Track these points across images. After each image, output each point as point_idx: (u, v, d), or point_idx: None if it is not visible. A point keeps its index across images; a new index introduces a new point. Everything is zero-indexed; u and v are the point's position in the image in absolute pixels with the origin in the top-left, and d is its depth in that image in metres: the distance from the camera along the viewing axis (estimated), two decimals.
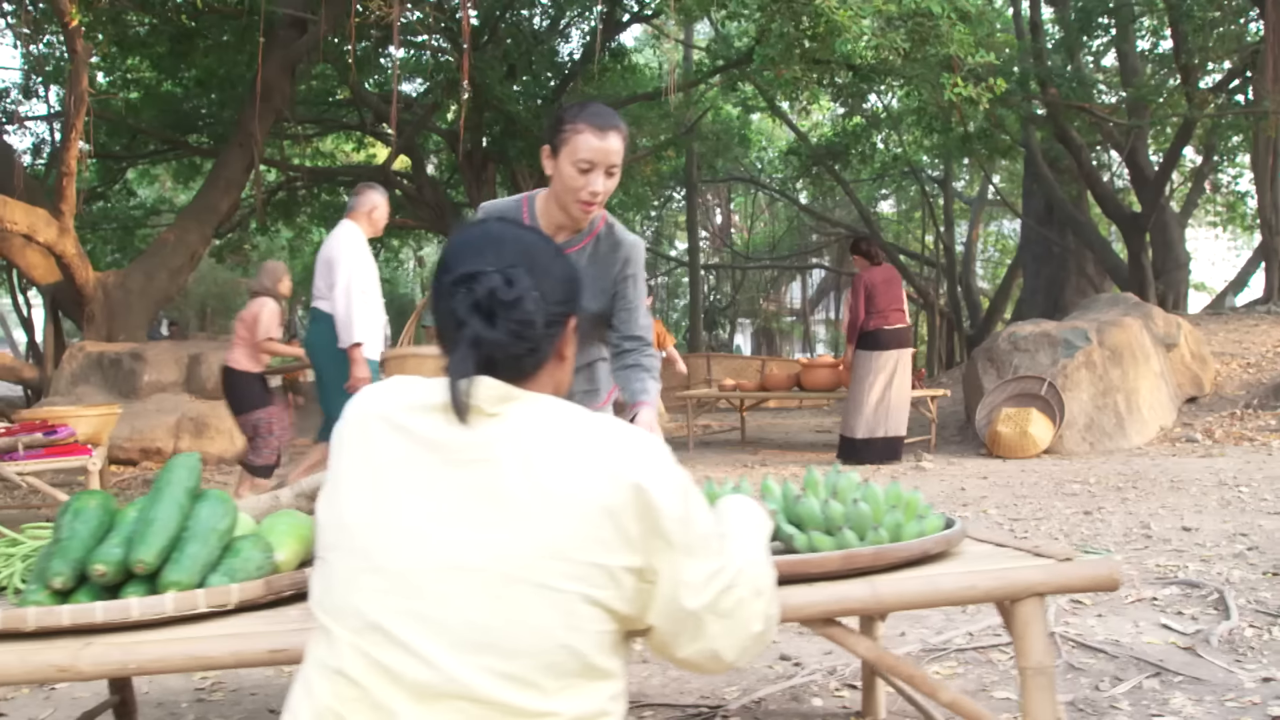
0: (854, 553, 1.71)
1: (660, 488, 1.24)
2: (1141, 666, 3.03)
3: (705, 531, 1.30)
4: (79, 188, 17.19)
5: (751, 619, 1.35)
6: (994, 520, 5.25)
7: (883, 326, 7.51)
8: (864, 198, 24.08)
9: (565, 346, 1.38)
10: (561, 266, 1.37)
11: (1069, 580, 1.68)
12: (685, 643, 1.31)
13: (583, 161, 2.39)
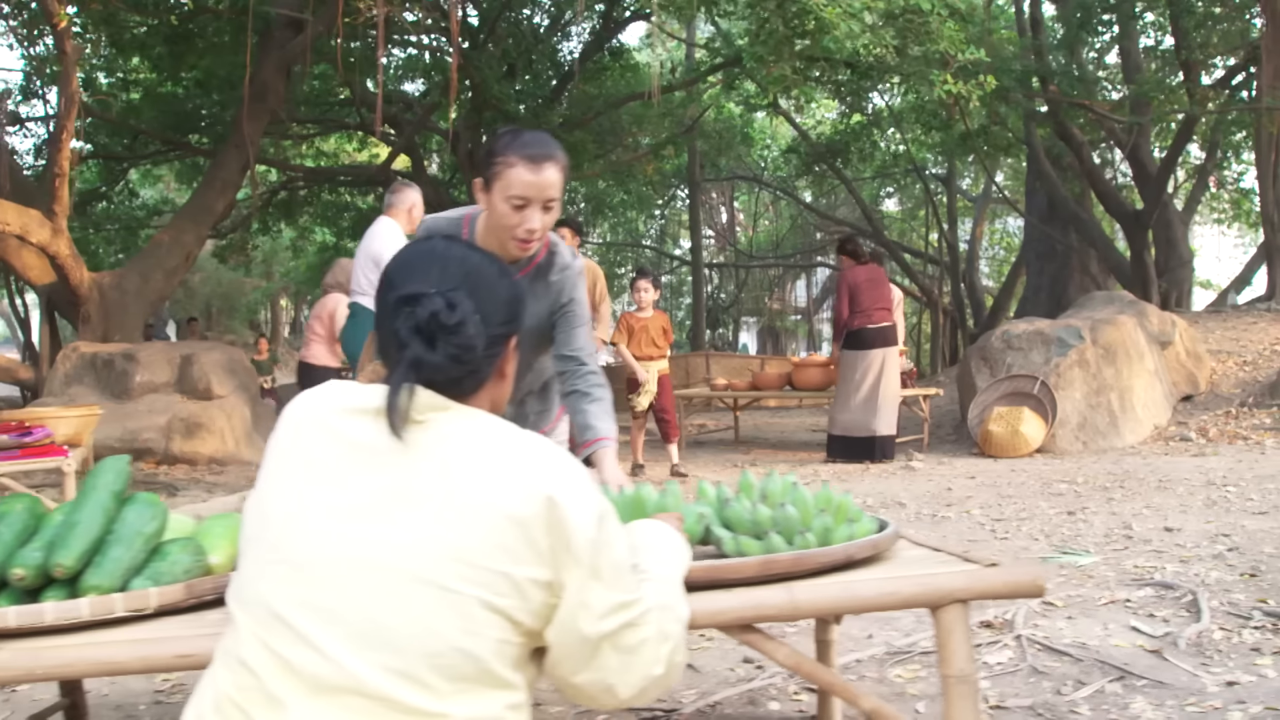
0: (772, 558, 1.68)
1: (574, 505, 1.26)
2: (1106, 670, 3.00)
3: (618, 561, 1.31)
4: (81, 188, 17.36)
5: (654, 662, 1.35)
6: (976, 521, 5.21)
7: (866, 325, 7.50)
8: (868, 196, 24.03)
9: (506, 365, 1.41)
10: (505, 287, 1.40)
11: (991, 587, 1.65)
12: (577, 668, 1.31)
13: (516, 198, 2.26)
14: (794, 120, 18.61)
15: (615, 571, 1.30)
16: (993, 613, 3.55)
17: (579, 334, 2.61)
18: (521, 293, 1.45)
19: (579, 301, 2.60)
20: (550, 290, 2.57)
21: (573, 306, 2.58)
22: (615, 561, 1.30)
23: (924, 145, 18.07)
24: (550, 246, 2.57)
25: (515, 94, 14.40)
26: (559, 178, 2.30)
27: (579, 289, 2.60)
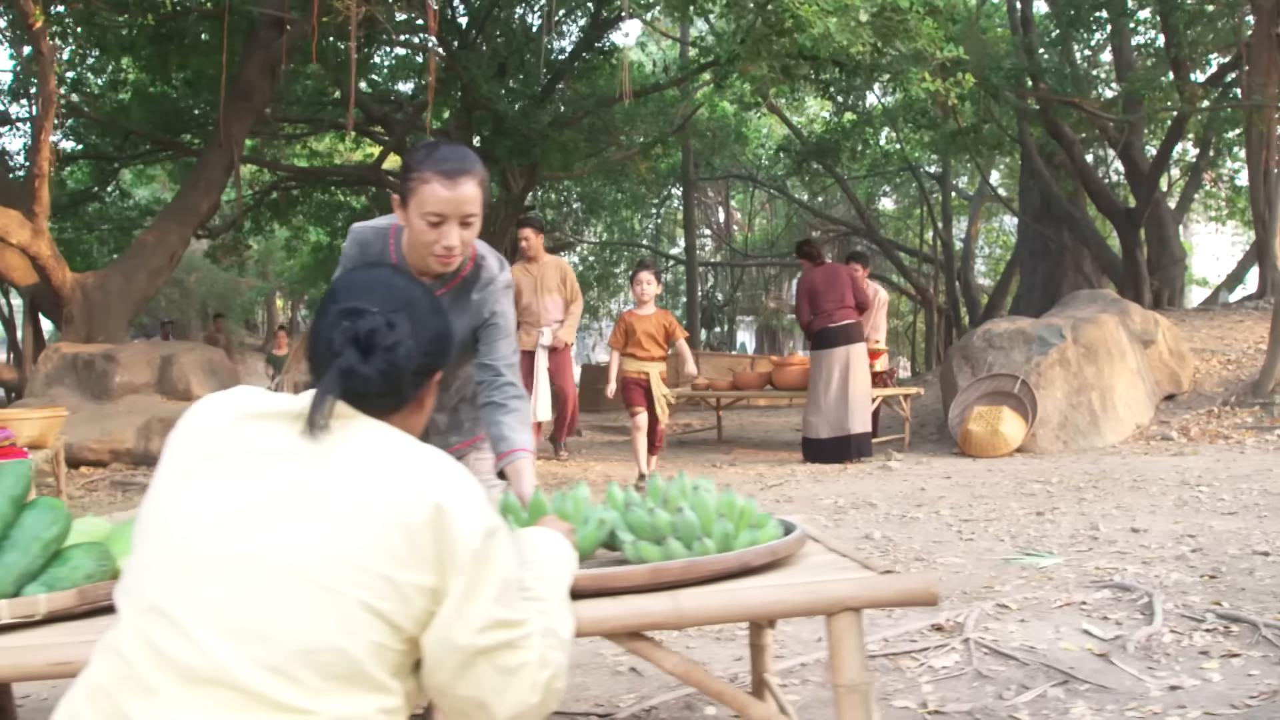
0: (661, 567, 1.66)
1: (462, 515, 1.28)
2: (1050, 674, 2.97)
3: (504, 579, 1.33)
4: (73, 188, 17.36)
5: (531, 687, 1.35)
6: (945, 522, 5.18)
7: (827, 325, 7.52)
8: (863, 194, 23.97)
9: (427, 396, 1.47)
10: (437, 322, 1.48)
11: (882, 595, 1.63)
12: (452, 680, 1.31)
13: (431, 214, 2.22)
14: (787, 118, 18.58)
15: (500, 588, 1.31)
16: (945, 616, 3.52)
17: (501, 346, 2.59)
18: (451, 332, 1.51)
19: (502, 314, 2.58)
20: (473, 307, 2.56)
21: (496, 319, 2.56)
22: (501, 578, 1.31)
23: (918, 144, 18.03)
24: (476, 259, 2.54)
25: (505, 93, 14.37)
26: (477, 193, 2.26)
27: (503, 302, 2.58)
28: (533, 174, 15.81)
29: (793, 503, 6.00)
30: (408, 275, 1.50)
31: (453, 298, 2.55)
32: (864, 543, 4.83)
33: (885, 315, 8.56)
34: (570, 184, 22.11)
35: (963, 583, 4.03)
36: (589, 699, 2.98)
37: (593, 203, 23.60)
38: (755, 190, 26.72)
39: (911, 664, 3.13)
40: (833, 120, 16.04)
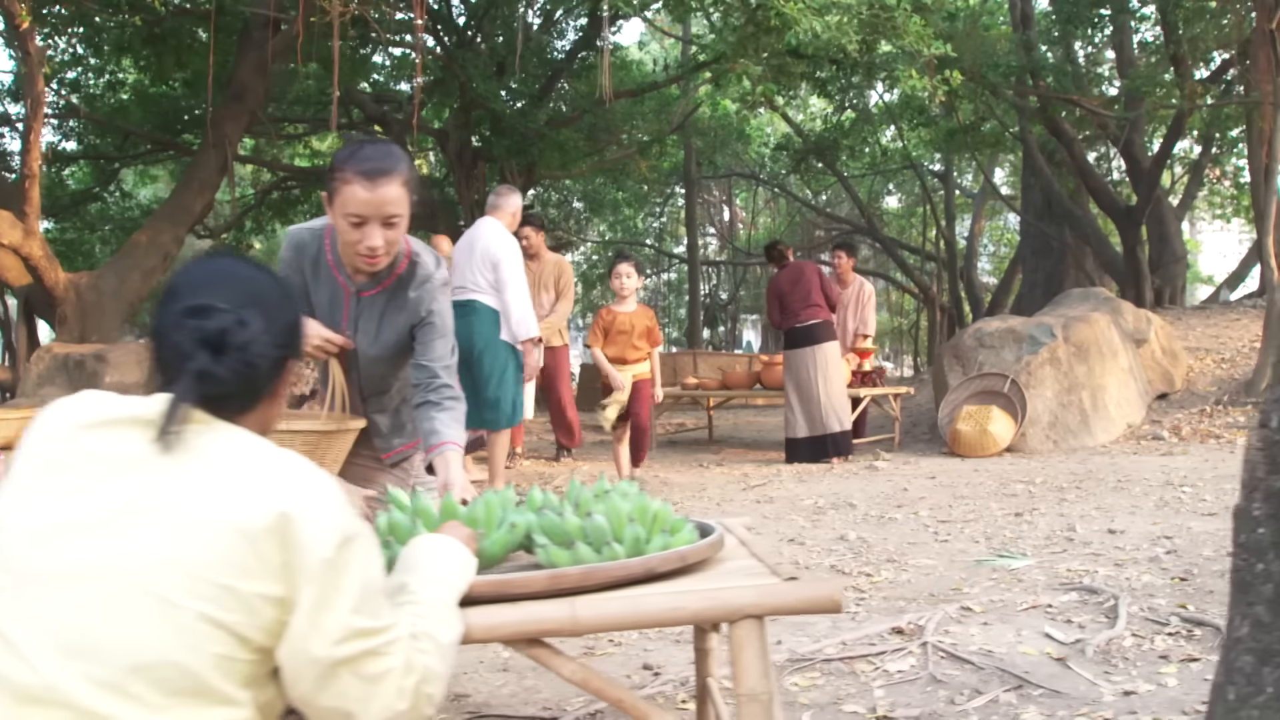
0: (560, 573, 1.63)
1: (310, 523, 1.24)
2: (1005, 678, 2.93)
3: (364, 585, 1.28)
4: (74, 189, 17.41)
5: (398, 694, 1.32)
6: (922, 523, 5.14)
7: (794, 326, 7.50)
8: (866, 192, 23.90)
9: (281, 387, 1.45)
10: (289, 311, 1.44)
11: (783, 602, 1.59)
12: (313, 691, 1.27)
13: (353, 216, 2.22)
14: (787, 116, 18.52)
15: (359, 596, 1.27)
16: (907, 619, 3.48)
17: (436, 346, 2.56)
18: (301, 320, 1.46)
19: (438, 313, 2.55)
20: (410, 304, 2.53)
21: (432, 318, 2.53)
22: (360, 585, 1.28)
23: (920, 142, 17.96)
24: (412, 257, 2.53)
25: (504, 92, 14.35)
26: (401, 194, 2.24)
27: (439, 300, 2.55)
28: (530, 173, 15.80)
29: (773, 503, 5.96)
30: (255, 264, 1.45)
31: (389, 296, 2.54)
32: (838, 544, 4.80)
33: (873, 310, 8.47)
34: (571, 183, 22.10)
35: (932, 585, 4.00)
36: (538, 702, 2.95)
37: (595, 202, 23.59)
38: (759, 189, 26.64)
39: (867, 668, 3.10)
40: (832, 118, 15.97)
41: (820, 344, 7.42)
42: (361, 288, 2.51)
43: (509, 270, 5.80)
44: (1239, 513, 1.64)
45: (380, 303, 2.52)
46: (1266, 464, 1.59)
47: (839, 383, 7.47)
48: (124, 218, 18.09)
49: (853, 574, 4.22)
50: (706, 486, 6.78)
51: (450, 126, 15.92)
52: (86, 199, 16.86)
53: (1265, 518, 1.57)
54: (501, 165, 15.61)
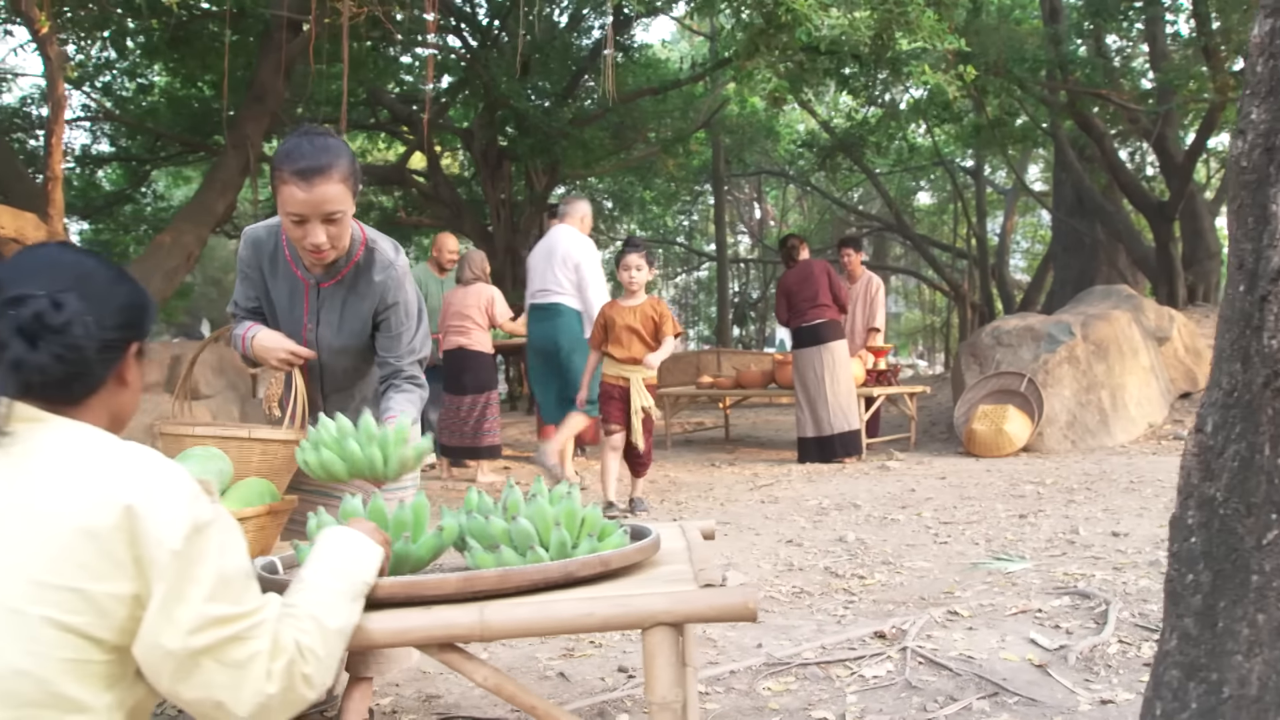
0: (474, 575, 1.61)
1: (157, 515, 1.22)
2: (982, 685, 2.87)
3: (219, 573, 1.27)
4: (107, 190, 17.66)
5: (266, 677, 1.30)
6: (924, 524, 5.07)
7: (802, 324, 7.43)
8: (897, 190, 23.68)
9: (126, 371, 1.41)
10: (124, 293, 1.40)
11: (695, 610, 1.56)
12: (172, 684, 1.25)
13: (293, 215, 2.21)
14: (815, 112, 18.39)
15: (214, 584, 1.26)
16: (891, 623, 3.43)
17: (402, 337, 2.53)
18: (144, 301, 1.43)
19: (402, 305, 2.51)
20: (373, 290, 2.50)
21: (393, 312, 2.50)
22: (216, 573, 1.26)
23: (951, 138, 17.75)
24: (368, 244, 2.50)
25: (524, 92, 14.36)
26: (339, 190, 2.21)
27: (403, 290, 2.51)
28: (554, 172, 15.81)
29: (778, 503, 5.91)
30: (79, 250, 1.42)
31: (349, 285, 2.52)
32: (836, 545, 4.74)
33: (882, 304, 8.37)
34: (599, 181, 22.10)
35: (924, 587, 3.94)
36: (506, 705, 2.93)
37: (623, 200, 23.57)
38: (789, 186, 26.49)
39: (844, 673, 3.05)
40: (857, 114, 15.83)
41: (827, 343, 7.35)
42: (320, 279, 2.49)
43: (590, 270, 6.34)
44: (1174, 521, 1.58)
45: (340, 293, 2.50)
46: (1200, 470, 1.53)
47: (847, 382, 7.39)
48: (157, 219, 18.33)
49: (845, 576, 4.17)
50: (714, 486, 6.74)
51: (476, 126, 15.98)
52: (119, 200, 17.09)
53: (1198, 526, 1.51)
54: (526, 164, 15.64)
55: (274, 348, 2.46)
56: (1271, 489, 1.35)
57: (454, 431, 7.10)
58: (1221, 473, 1.47)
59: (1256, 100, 1.55)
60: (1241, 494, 1.41)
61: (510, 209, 16.24)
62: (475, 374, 7.06)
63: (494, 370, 7.31)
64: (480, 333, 7.08)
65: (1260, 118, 1.53)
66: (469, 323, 7.03)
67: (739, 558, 4.57)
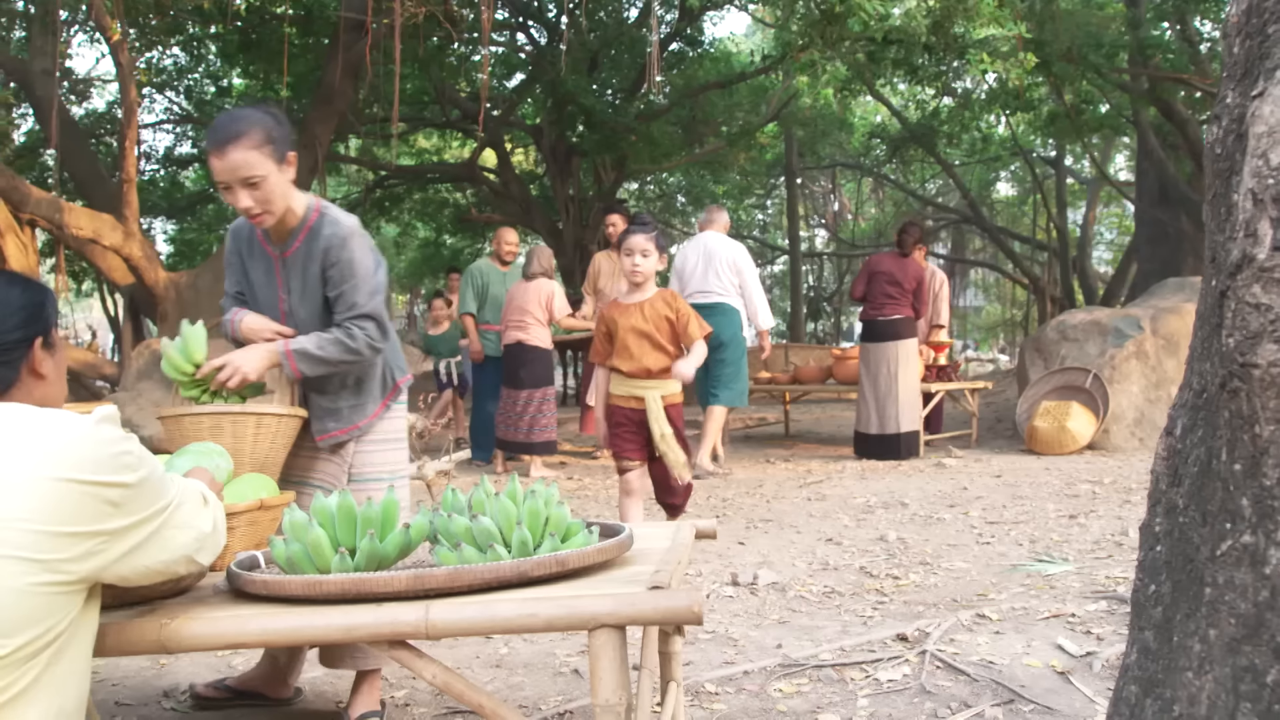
0: (423, 574, 1.61)
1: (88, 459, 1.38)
2: (998, 692, 2.79)
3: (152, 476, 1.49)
4: (191, 190, 18.24)
5: (203, 520, 1.63)
6: (969, 524, 4.95)
7: (875, 317, 7.28)
8: (976, 181, 23.17)
9: (38, 365, 1.52)
10: (16, 295, 1.53)
11: (639, 612, 1.54)
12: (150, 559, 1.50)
13: (220, 183, 2.40)
14: (889, 103, 18.10)
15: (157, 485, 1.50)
16: (915, 625, 3.35)
17: (343, 297, 2.59)
18: (41, 300, 1.56)
19: (344, 263, 2.57)
20: (320, 249, 2.59)
21: (336, 270, 2.57)
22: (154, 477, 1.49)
23: (1031, 127, 17.30)
24: (321, 210, 2.61)
25: (591, 88, 14.41)
26: (249, 155, 2.34)
27: (346, 249, 2.57)
28: (622, 167, 15.84)
29: (825, 500, 5.83)
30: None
31: (306, 250, 2.61)
32: (876, 544, 4.66)
33: (946, 300, 8.18)
34: (669, 176, 22.07)
35: (959, 589, 3.84)
36: (518, 699, 2.94)
37: (695, 195, 23.50)
38: (863, 179, 26.13)
39: (859, 675, 2.99)
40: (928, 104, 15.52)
41: (902, 340, 7.23)
42: (283, 249, 2.62)
43: (750, 273, 6.98)
44: (1142, 528, 1.51)
45: (300, 258, 2.61)
46: (1168, 475, 1.46)
47: (914, 381, 7.26)
48: (236, 218, 18.86)
49: (880, 576, 4.09)
50: (764, 483, 6.68)
51: (544, 122, 16.09)
52: (202, 200, 17.62)
53: (1164, 534, 1.44)
54: (593, 160, 15.70)
55: (260, 328, 2.62)
56: (1227, 496, 1.28)
57: (509, 426, 7.15)
58: (1185, 478, 1.40)
59: (1232, 83, 1.47)
60: (1199, 501, 1.34)
61: (579, 205, 16.32)
62: (532, 369, 7.13)
63: (551, 366, 7.37)
64: (539, 328, 7.16)
65: (1235, 101, 1.46)
66: (529, 318, 7.12)
67: (775, 556, 4.52)
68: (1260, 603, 1.21)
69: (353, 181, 20.19)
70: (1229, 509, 1.27)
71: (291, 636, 1.57)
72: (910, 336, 7.25)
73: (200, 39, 11.77)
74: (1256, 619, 1.21)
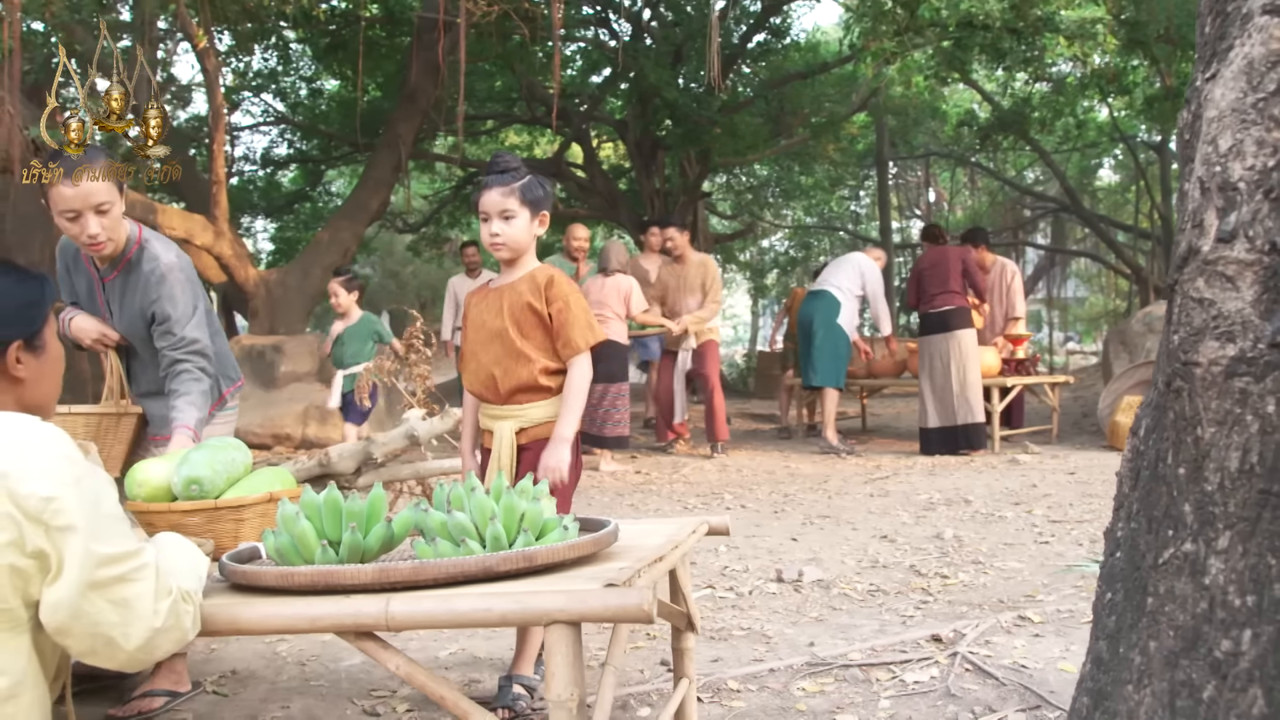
0: (389, 567, 1.65)
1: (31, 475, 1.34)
2: (1026, 697, 2.72)
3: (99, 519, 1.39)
4: (287, 190, 18.80)
5: (154, 614, 1.45)
6: (1030, 522, 4.82)
7: (929, 310, 7.15)
8: (1075, 168, 22.43)
9: (9, 368, 1.53)
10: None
11: (590, 609, 1.54)
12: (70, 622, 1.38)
13: (68, 211, 2.54)
14: (981, 89, 17.65)
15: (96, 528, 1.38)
16: (952, 626, 3.28)
17: (169, 332, 2.77)
18: (25, 298, 1.57)
19: (165, 298, 2.76)
20: (141, 282, 2.78)
21: (158, 306, 2.76)
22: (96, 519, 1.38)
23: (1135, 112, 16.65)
24: (142, 243, 2.80)
25: (674, 81, 14.36)
26: (102, 185, 2.54)
27: (166, 285, 2.77)
28: (706, 160, 15.77)
29: (887, 497, 5.74)
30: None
31: (124, 279, 2.80)
32: (930, 542, 4.57)
33: (1019, 292, 7.94)
34: (761, 167, 21.89)
35: (1007, 590, 3.75)
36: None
37: (786, 186, 23.28)
38: (958, 168, 25.51)
39: (885, 676, 2.94)
40: (1018, 90, 15.06)
41: (954, 331, 7.07)
42: (104, 274, 2.82)
43: (876, 283, 7.80)
44: (1107, 534, 1.45)
45: (119, 285, 2.82)
46: (1131, 478, 1.40)
47: (974, 373, 7.07)
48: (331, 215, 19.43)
49: (928, 575, 4.01)
50: (831, 478, 6.60)
51: (629, 117, 16.12)
52: (298, 199, 18.15)
53: (1124, 540, 1.39)
54: (678, 154, 15.66)
55: (88, 329, 2.85)
56: (1171, 501, 1.23)
57: (584, 417, 7.22)
58: (1140, 481, 1.35)
59: (1202, 65, 1.40)
60: (1146, 506, 1.28)
61: (664, 198, 16.32)
62: (608, 364, 7.21)
63: (627, 362, 7.47)
64: (616, 323, 7.26)
65: (1201, 84, 1.39)
66: (606, 311, 7.23)
67: (825, 553, 4.47)
68: (1199, 615, 1.16)
69: (445, 179, 20.54)
70: (1172, 515, 1.22)
71: (260, 625, 1.62)
72: (964, 327, 7.09)
73: (288, 43, 12.11)
74: (1194, 632, 1.16)
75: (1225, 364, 1.14)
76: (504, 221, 2.66)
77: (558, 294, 2.68)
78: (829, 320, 7.63)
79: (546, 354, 2.69)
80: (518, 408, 2.70)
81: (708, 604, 3.76)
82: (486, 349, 2.71)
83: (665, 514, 5.50)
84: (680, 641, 2.56)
